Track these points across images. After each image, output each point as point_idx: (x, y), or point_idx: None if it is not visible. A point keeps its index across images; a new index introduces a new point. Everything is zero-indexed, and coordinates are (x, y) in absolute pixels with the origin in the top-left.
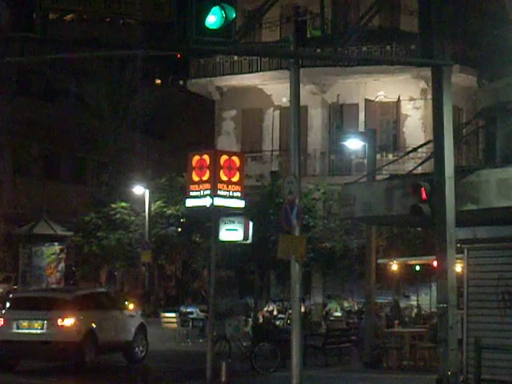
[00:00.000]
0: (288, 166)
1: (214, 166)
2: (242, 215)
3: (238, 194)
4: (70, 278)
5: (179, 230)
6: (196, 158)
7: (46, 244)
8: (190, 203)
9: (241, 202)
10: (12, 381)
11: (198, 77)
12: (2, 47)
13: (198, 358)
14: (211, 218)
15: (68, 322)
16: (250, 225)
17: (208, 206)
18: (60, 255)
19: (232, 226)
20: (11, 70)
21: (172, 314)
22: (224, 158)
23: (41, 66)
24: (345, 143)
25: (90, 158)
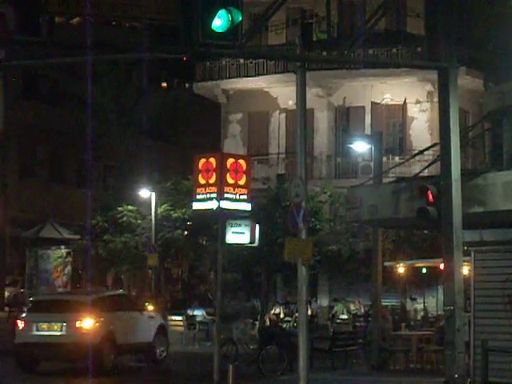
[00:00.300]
0: (294, 169)
1: (221, 169)
2: (249, 218)
3: (245, 196)
4: (76, 282)
5: (186, 233)
6: (202, 160)
7: (53, 247)
8: (197, 206)
9: (247, 205)
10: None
11: (204, 80)
12: (8, 51)
13: (205, 361)
14: (218, 221)
15: (87, 324)
16: (257, 228)
17: (214, 208)
18: (66, 258)
19: (239, 229)
20: (17, 73)
21: (179, 317)
22: (230, 160)
23: (47, 69)
24: (351, 146)
25: (97, 162)
